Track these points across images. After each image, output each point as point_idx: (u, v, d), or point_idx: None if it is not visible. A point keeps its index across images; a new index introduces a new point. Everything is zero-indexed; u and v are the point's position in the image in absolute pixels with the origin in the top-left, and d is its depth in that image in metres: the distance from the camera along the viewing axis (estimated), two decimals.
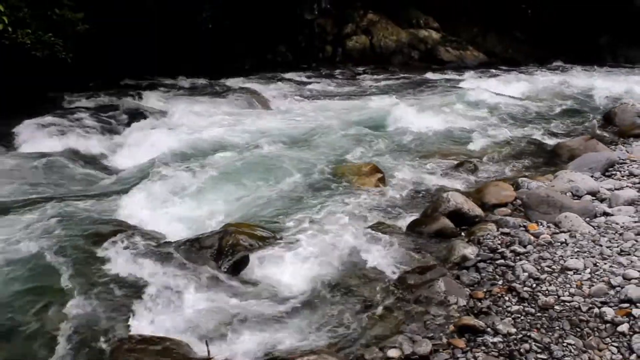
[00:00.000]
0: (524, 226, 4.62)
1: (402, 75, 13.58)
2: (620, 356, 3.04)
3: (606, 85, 11.72)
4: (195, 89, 11.05)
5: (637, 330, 3.15)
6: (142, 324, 3.62)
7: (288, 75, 12.83)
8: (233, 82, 11.66)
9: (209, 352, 3.29)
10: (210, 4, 12.61)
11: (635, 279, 3.60)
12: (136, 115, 8.85)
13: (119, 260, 4.28)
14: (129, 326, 3.58)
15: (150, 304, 3.78)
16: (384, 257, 4.33)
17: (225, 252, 4.36)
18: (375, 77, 13.25)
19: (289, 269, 4.22)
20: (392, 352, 3.21)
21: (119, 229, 4.75)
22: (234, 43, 12.84)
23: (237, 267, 4.28)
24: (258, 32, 13.25)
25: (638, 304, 3.35)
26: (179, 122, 8.51)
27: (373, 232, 4.72)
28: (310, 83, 12.28)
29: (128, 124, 8.42)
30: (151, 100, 9.94)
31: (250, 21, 12.99)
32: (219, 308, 3.78)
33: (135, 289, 3.98)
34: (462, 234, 4.74)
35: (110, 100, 9.81)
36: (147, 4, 11.30)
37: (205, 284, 4.06)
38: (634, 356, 3.01)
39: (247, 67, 13.13)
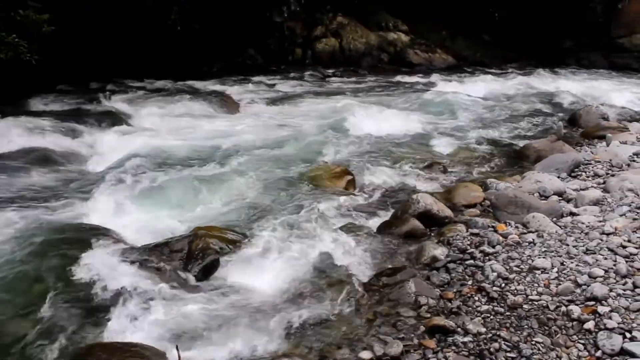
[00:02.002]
0: (493, 227, 4.68)
1: (371, 77, 13.64)
2: (587, 353, 3.10)
3: (571, 87, 11.95)
4: (164, 91, 10.93)
5: (602, 327, 3.21)
6: (111, 330, 3.56)
7: (257, 78, 12.78)
8: (202, 84, 11.58)
9: (179, 357, 3.25)
10: (179, 7, 12.51)
11: (601, 277, 3.67)
12: (103, 118, 8.72)
13: (87, 266, 4.18)
14: (97, 333, 3.53)
15: (120, 309, 3.72)
16: (354, 259, 4.34)
17: (195, 256, 4.32)
18: (344, 79, 13.28)
19: (259, 272, 4.20)
20: (364, 354, 3.21)
21: (86, 234, 4.66)
22: (203, 45, 12.75)
23: (208, 271, 4.24)
24: (227, 35, 13.20)
25: (603, 302, 3.41)
26: (147, 125, 8.42)
27: (343, 234, 4.73)
28: (280, 86, 12.25)
29: (95, 127, 8.28)
30: (119, 103, 9.81)
31: (219, 24, 12.92)
32: (190, 312, 3.74)
33: (103, 294, 3.90)
34: (432, 235, 4.77)
35: (77, 104, 9.66)
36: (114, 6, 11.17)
37: (175, 289, 4.01)
38: (599, 352, 3.07)
39: (216, 69, 13.06)
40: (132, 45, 11.52)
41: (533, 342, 3.22)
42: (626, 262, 3.80)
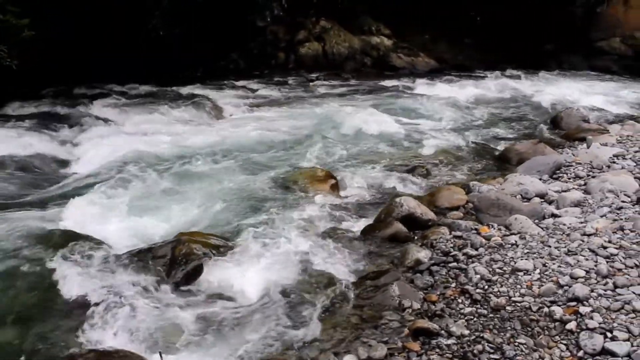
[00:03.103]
0: (476, 229, 4.70)
1: (354, 81, 13.66)
2: (569, 353, 3.12)
3: (552, 90, 12.05)
4: (147, 96, 10.87)
5: (584, 327, 3.24)
6: (94, 337, 3.55)
7: (240, 83, 12.75)
8: (185, 89, 11.52)
9: None
10: (160, 12, 12.46)
11: (582, 277, 3.70)
12: (86, 123, 8.65)
13: (70, 272, 4.18)
14: (79, 341, 3.50)
15: (102, 316, 3.71)
16: (338, 263, 4.35)
17: (178, 262, 4.31)
18: (328, 83, 13.28)
19: (243, 277, 4.18)
20: (348, 358, 3.22)
21: (69, 239, 4.63)
22: (185, 50, 12.70)
23: (191, 277, 4.23)
24: (210, 40, 13.15)
25: (585, 302, 3.44)
26: (129, 130, 8.37)
27: (327, 237, 4.74)
28: (263, 90, 12.22)
29: (78, 133, 8.22)
30: (102, 108, 9.73)
31: (201, 28, 12.88)
32: (173, 318, 3.73)
33: (86, 301, 3.89)
34: (416, 238, 4.79)
35: (60, 108, 9.56)
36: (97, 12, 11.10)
37: (159, 295, 4.01)
38: (581, 352, 3.09)
39: (198, 74, 13.00)
40: (115, 51, 11.44)
41: (516, 344, 3.24)
42: (607, 262, 3.84)
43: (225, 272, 4.25)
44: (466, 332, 3.37)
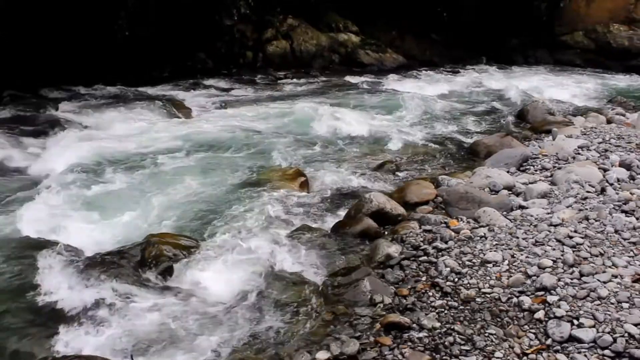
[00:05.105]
0: (445, 222, 4.74)
1: (323, 79, 13.66)
2: (537, 341, 3.17)
3: (518, 84, 12.22)
4: (113, 97, 10.70)
5: (551, 316, 3.29)
6: (63, 342, 3.50)
7: (208, 82, 12.65)
8: (153, 90, 11.38)
9: None
10: (125, 12, 12.29)
11: (549, 267, 3.77)
12: (52, 125, 8.47)
13: (38, 277, 4.11)
14: (48, 348, 3.44)
15: (72, 321, 3.66)
16: (309, 260, 4.35)
17: (148, 264, 4.27)
18: (296, 81, 13.26)
19: (214, 278, 4.16)
20: (321, 354, 3.21)
21: (37, 244, 4.56)
22: (152, 50, 12.54)
23: (162, 278, 4.18)
24: (176, 39, 13.01)
25: (552, 291, 3.50)
26: (96, 132, 8.23)
27: (298, 235, 4.73)
28: (231, 89, 12.15)
29: (43, 135, 8.04)
30: (67, 110, 9.56)
31: (168, 28, 12.74)
32: (144, 321, 3.69)
33: (55, 306, 3.84)
34: (386, 233, 4.82)
35: (24, 111, 9.36)
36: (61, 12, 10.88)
37: (129, 297, 3.95)
38: (549, 340, 3.15)
39: (166, 74, 12.84)
40: (81, 52, 11.25)
41: (486, 334, 3.28)
42: (573, 252, 3.92)
43: (196, 273, 4.23)
44: (437, 324, 3.40)
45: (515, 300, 3.54)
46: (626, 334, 3.08)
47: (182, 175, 6.26)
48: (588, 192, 5.04)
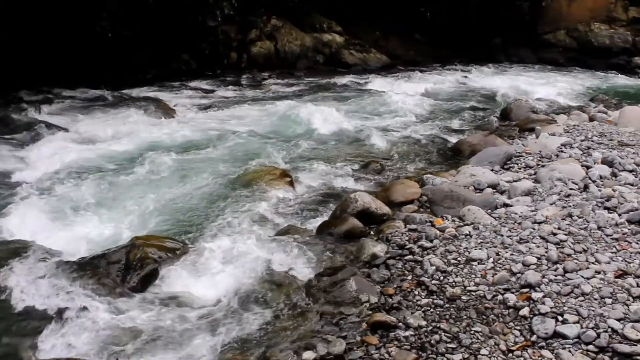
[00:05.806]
0: (430, 221, 4.75)
1: (307, 79, 13.65)
2: (522, 338, 3.20)
3: (502, 82, 12.31)
4: (96, 100, 10.62)
5: (536, 312, 3.32)
6: (47, 347, 3.47)
7: (193, 84, 12.59)
8: (136, 92, 11.30)
9: None
10: (108, 13, 12.20)
11: (534, 264, 3.79)
12: (34, 129, 8.36)
13: (21, 282, 4.07)
14: (34, 351, 3.41)
15: (56, 325, 3.62)
16: (295, 261, 4.35)
17: (133, 267, 4.24)
18: (281, 82, 13.24)
19: (199, 280, 4.16)
20: (307, 355, 3.21)
21: (18, 248, 4.51)
22: (135, 52, 12.46)
23: (147, 281, 4.17)
24: (160, 41, 12.94)
25: (537, 288, 3.52)
26: (80, 135, 8.17)
27: (283, 236, 4.73)
28: (216, 90, 12.10)
29: (25, 139, 7.97)
30: (50, 113, 9.47)
31: (151, 30, 12.66)
32: (129, 325, 3.67)
33: (39, 311, 3.80)
34: (371, 232, 4.82)
35: (4, 114, 9.27)
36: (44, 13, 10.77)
37: (114, 301, 3.93)
38: (534, 337, 3.17)
39: (149, 76, 12.76)
40: (64, 54, 11.15)
41: (472, 332, 3.29)
42: (557, 248, 3.95)
43: (181, 275, 4.21)
44: (423, 323, 3.41)
45: (500, 297, 3.56)
46: (609, 329, 3.11)
47: (166, 177, 6.23)
48: (571, 189, 5.07)
